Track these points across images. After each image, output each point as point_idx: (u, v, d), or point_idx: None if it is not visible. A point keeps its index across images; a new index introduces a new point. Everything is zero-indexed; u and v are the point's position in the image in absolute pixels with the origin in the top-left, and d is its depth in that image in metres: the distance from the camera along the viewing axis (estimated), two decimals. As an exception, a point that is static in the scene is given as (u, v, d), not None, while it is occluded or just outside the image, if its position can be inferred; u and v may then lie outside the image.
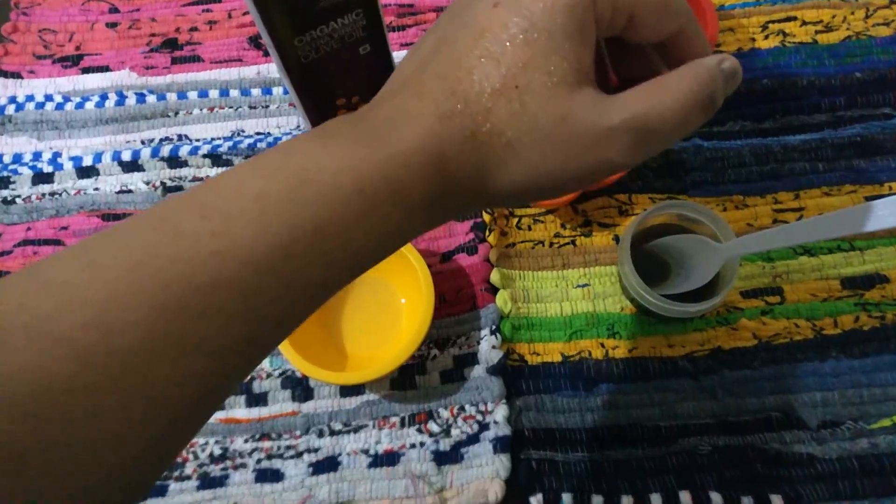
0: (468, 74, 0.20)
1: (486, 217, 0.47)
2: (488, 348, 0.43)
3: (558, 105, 0.20)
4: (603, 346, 0.43)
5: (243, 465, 0.42)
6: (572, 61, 0.20)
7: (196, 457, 0.42)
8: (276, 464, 0.42)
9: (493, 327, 0.43)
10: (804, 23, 0.52)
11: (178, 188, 0.50)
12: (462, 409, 0.42)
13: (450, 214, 0.22)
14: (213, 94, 0.53)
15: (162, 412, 0.18)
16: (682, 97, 0.20)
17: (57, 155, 0.51)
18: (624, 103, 0.20)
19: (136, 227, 0.19)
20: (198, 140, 0.51)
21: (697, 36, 0.23)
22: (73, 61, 0.54)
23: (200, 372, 0.18)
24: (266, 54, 0.54)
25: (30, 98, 0.53)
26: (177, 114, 0.52)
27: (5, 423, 0.15)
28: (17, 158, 0.51)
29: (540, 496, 0.39)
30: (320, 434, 0.42)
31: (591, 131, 0.20)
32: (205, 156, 0.50)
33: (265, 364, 0.44)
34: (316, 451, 0.42)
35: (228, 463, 0.42)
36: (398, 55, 0.53)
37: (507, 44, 0.20)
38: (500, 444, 0.40)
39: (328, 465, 0.41)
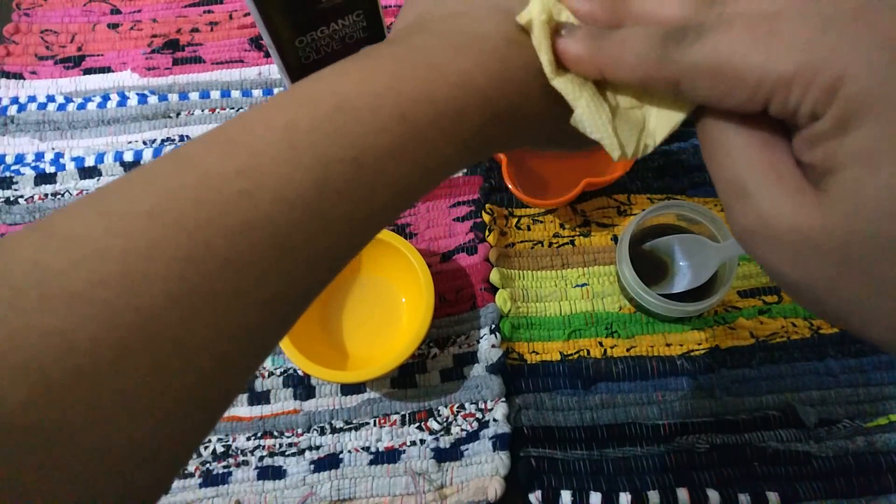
0: None
1: (486, 217, 0.47)
2: (488, 347, 0.43)
3: None
4: (601, 344, 0.44)
5: (245, 463, 0.42)
6: None
7: (199, 454, 0.42)
8: (278, 461, 0.42)
9: (493, 326, 0.44)
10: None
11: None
12: (462, 407, 0.43)
13: (492, 146, 0.21)
14: (215, 94, 0.53)
15: (196, 374, 0.16)
16: None
17: (59, 155, 0.51)
18: None
19: (155, 169, 0.17)
20: (199, 140, 0.51)
21: None
22: (74, 62, 0.55)
23: (236, 328, 0.16)
24: (267, 55, 0.54)
25: (32, 99, 0.53)
26: (178, 114, 0.52)
27: (24, 394, 0.13)
28: (20, 159, 0.52)
29: (539, 493, 0.39)
30: (322, 432, 0.43)
31: None
32: (206, 156, 0.50)
33: (267, 363, 0.45)
34: (317, 448, 0.42)
35: (231, 460, 0.42)
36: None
37: None
38: (499, 442, 0.41)
39: (329, 462, 0.42)
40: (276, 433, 0.43)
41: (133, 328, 0.15)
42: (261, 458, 0.42)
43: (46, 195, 0.50)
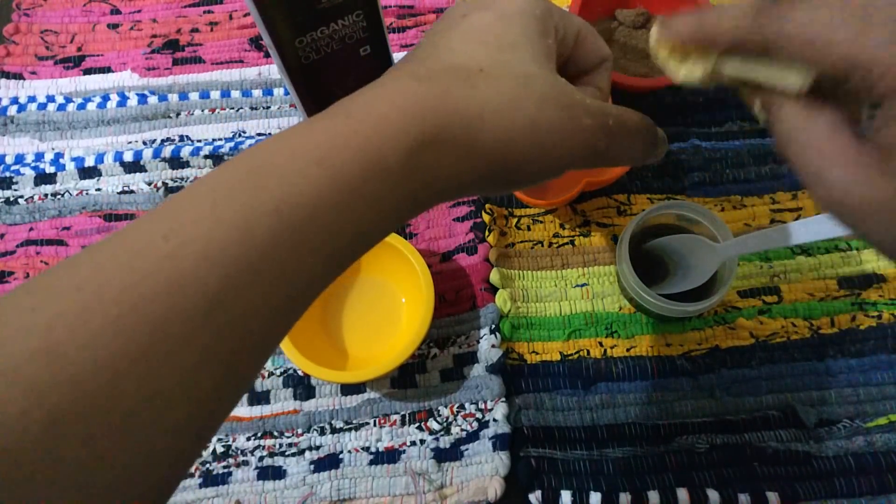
0: (449, 52, 0.22)
1: (486, 217, 0.47)
2: (488, 347, 0.43)
3: (532, 72, 0.22)
4: (601, 345, 0.44)
5: (245, 463, 0.42)
6: (541, 46, 0.23)
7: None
8: (278, 461, 0.42)
9: (493, 326, 0.44)
10: (802, 23, 0.52)
11: (180, 189, 0.50)
12: (462, 407, 0.43)
13: (439, 183, 0.21)
14: (215, 94, 0.53)
15: (132, 440, 0.16)
16: (640, 118, 0.25)
17: (59, 155, 0.51)
18: (597, 95, 0.26)
19: (88, 249, 0.17)
20: (199, 141, 0.51)
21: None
22: (74, 62, 0.55)
23: (171, 390, 0.16)
24: (267, 55, 0.54)
25: (32, 99, 0.53)
26: (178, 115, 0.52)
27: None
28: (20, 159, 0.52)
29: (539, 493, 0.39)
30: (322, 432, 0.43)
31: (562, 97, 0.22)
32: (206, 156, 0.50)
33: (267, 363, 0.45)
34: (317, 448, 0.42)
35: (231, 460, 0.42)
36: (398, 56, 0.53)
37: (489, 29, 0.23)
38: (499, 442, 0.41)
39: (329, 462, 0.42)
40: (275, 433, 0.43)
41: (62, 400, 0.15)
42: (261, 459, 0.42)
43: (46, 195, 0.50)
